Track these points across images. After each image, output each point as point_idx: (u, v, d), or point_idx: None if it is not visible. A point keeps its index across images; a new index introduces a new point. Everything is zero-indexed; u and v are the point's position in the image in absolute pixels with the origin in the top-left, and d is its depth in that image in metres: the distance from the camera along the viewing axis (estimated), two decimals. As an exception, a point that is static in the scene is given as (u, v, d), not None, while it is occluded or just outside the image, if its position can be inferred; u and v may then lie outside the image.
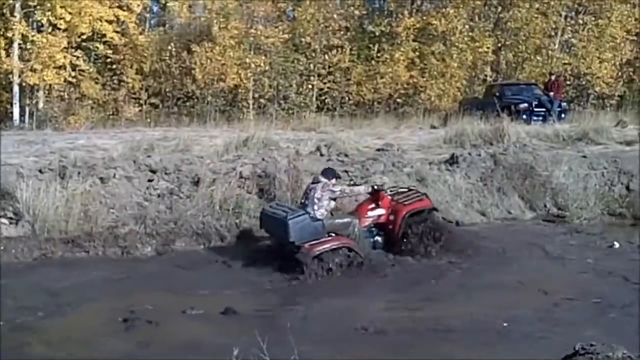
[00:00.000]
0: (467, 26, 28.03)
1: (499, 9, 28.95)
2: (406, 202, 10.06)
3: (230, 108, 26.31)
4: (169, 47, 26.19)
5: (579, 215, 12.56)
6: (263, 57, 26.19)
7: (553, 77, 23.83)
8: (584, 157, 14.47)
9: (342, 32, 27.69)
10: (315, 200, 9.38)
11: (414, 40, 27.85)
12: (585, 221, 12.39)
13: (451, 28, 27.54)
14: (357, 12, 28.48)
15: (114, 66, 27.03)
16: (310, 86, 27.54)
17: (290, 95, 27.08)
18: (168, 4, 28.47)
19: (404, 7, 28.19)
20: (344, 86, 27.99)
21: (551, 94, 22.40)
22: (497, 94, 22.56)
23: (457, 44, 27.63)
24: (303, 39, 27.52)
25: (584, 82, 29.56)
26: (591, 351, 4.25)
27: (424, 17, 28.16)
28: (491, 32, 28.81)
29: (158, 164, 11.56)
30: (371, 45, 28.18)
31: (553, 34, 29.48)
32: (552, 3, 28.77)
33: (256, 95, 26.58)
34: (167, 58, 26.27)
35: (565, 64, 29.05)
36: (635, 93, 31.11)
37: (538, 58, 28.80)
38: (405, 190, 10.66)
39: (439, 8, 28.11)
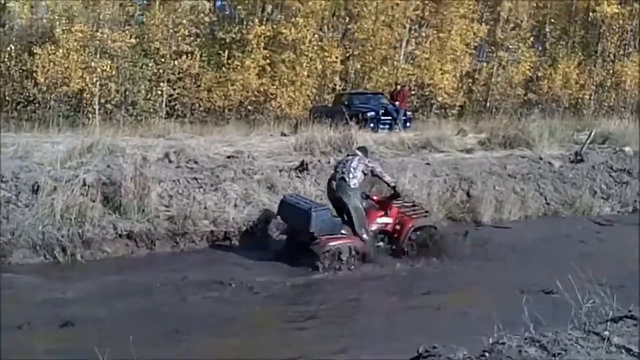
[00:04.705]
0: (316, 36, 28.41)
1: (347, 20, 29.59)
2: (413, 216, 10.89)
3: (75, 113, 25.27)
4: (9, 49, 24.89)
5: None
6: (109, 62, 25.39)
7: (398, 87, 24.72)
8: (428, 164, 14.98)
9: (192, 38, 27.31)
10: (352, 169, 10.37)
11: (264, 48, 27.86)
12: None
13: (301, 37, 27.78)
14: (207, 18, 28.18)
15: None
16: (159, 92, 26.93)
17: (138, 100, 26.36)
18: (8, 4, 26.98)
19: (255, 15, 28.13)
20: (194, 92, 27.60)
21: (397, 103, 23.16)
22: (346, 102, 23.06)
23: (306, 53, 27.93)
24: (152, 44, 26.92)
25: (427, 92, 30.72)
26: (434, 353, 4.31)
27: (274, 26, 28.23)
28: (339, 42, 29.39)
29: (-6, 171, 10.90)
30: (221, 52, 27.95)
31: (398, 45, 30.45)
32: (397, 16, 29.70)
33: (102, 101, 25.65)
34: (6, 60, 24.92)
35: (409, 74, 30.09)
36: (475, 103, 32.74)
37: (384, 68, 29.63)
38: (410, 204, 11.43)
39: (289, 17, 28.28)
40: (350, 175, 10.35)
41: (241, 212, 11.68)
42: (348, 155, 11.09)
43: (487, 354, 4.33)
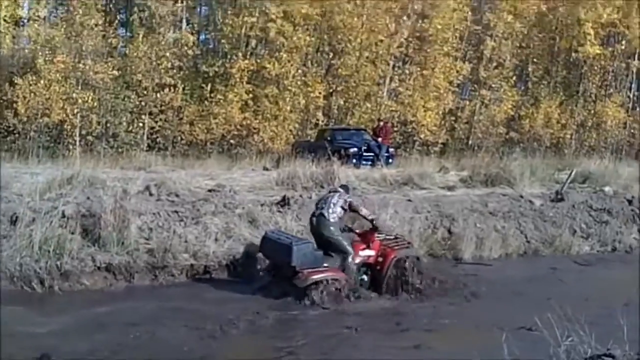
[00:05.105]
0: (300, 71, 28.48)
1: (331, 55, 29.65)
2: (395, 247, 10.86)
3: (55, 144, 25.06)
4: (-11, 79, 24.78)
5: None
6: (91, 93, 25.26)
7: (381, 123, 24.75)
8: (409, 200, 14.97)
9: (175, 71, 27.27)
10: (331, 205, 10.48)
11: (247, 82, 27.88)
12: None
13: (284, 72, 27.83)
14: (190, 51, 28.15)
15: None
16: (141, 124, 26.83)
17: (119, 133, 26.19)
18: (-11, 34, 26.92)
19: (238, 49, 28.16)
20: (176, 125, 27.51)
21: (379, 139, 23.20)
22: (329, 138, 23.09)
23: (290, 87, 27.96)
24: (134, 76, 26.83)
25: (410, 129, 30.78)
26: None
27: (258, 60, 28.28)
28: (323, 77, 29.43)
29: (-29, 202, 10.78)
30: (204, 85, 27.94)
31: (381, 82, 30.56)
32: (380, 53, 29.86)
33: (83, 132, 25.46)
34: (-15, 90, 24.79)
35: (392, 111, 30.17)
36: (457, 141, 32.87)
37: (367, 104, 29.71)
38: (393, 237, 11.43)
39: (273, 52, 28.37)
40: (330, 211, 10.42)
41: (222, 246, 11.58)
42: (330, 192, 11.14)
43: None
